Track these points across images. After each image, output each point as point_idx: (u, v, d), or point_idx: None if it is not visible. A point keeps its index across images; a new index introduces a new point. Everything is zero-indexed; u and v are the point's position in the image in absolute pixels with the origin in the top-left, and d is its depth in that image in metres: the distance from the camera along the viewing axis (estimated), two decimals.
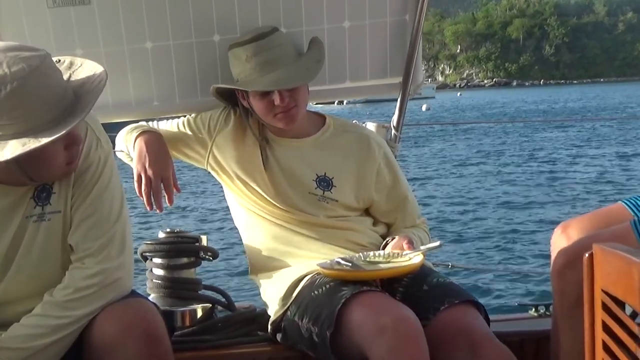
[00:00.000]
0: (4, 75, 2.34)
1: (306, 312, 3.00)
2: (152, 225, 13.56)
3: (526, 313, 3.74)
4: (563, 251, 2.98)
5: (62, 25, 3.41)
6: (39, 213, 2.64)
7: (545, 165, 26.48)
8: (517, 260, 12.53)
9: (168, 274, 3.46)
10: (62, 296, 2.56)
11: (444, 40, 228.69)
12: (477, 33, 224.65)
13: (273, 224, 3.37)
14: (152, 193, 3.26)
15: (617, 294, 1.99)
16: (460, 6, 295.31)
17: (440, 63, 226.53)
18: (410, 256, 3.08)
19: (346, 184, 3.38)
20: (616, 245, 2.03)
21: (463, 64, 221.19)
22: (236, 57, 3.30)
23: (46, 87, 2.41)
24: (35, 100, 2.39)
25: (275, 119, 3.27)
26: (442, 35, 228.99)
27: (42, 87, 2.40)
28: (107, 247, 2.64)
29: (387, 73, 3.85)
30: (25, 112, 2.37)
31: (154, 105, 3.62)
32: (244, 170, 3.36)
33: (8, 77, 2.34)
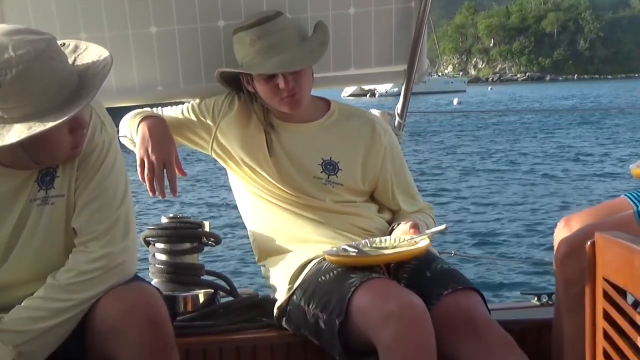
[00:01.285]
0: (9, 58, 2.34)
1: (313, 298, 3.01)
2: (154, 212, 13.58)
3: (528, 302, 3.73)
4: (566, 240, 2.99)
5: (67, 9, 3.41)
6: (43, 197, 2.65)
7: (554, 157, 26.57)
8: (520, 250, 12.57)
9: (171, 259, 3.46)
10: (66, 279, 2.56)
11: (477, 33, 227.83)
12: (511, 27, 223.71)
13: (279, 207, 3.38)
14: (154, 178, 3.25)
15: (618, 282, 1.99)
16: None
17: (473, 57, 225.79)
18: (416, 240, 3.08)
19: (351, 168, 3.38)
20: (618, 234, 2.03)
21: (496, 57, 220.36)
22: (240, 41, 3.30)
23: (51, 70, 2.42)
24: (41, 84, 2.39)
25: (280, 103, 3.27)
26: (475, 28, 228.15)
27: (48, 70, 2.40)
28: (111, 231, 2.65)
29: (392, 60, 3.85)
30: (31, 95, 2.38)
31: (158, 90, 3.62)
32: (249, 156, 3.36)
33: (13, 61, 2.34)
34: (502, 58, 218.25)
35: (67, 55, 2.57)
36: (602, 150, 28.39)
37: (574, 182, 20.60)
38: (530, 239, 13.29)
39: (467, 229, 14.26)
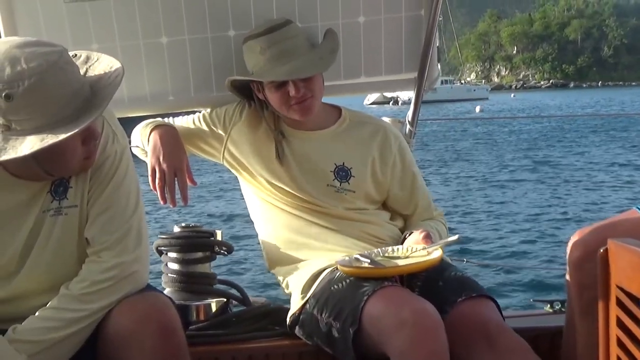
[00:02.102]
0: (22, 71, 2.35)
1: (326, 306, 3.00)
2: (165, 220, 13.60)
3: (541, 309, 3.72)
4: (579, 243, 2.97)
5: (78, 19, 3.43)
6: (56, 207, 2.66)
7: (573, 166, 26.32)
8: (533, 257, 12.48)
9: (183, 268, 3.47)
10: (79, 289, 2.57)
11: (500, 41, 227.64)
12: (534, 34, 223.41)
13: (291, 215, 3.37)
14: (165, 186, 3.26)
15: (632, 289, 1.98)
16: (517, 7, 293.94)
17: (496, 64, 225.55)
18: (429, 250, 3.07)
19: (364, 175, 3.38)
20: (631, 241, 2.02)
21: (519, 65, 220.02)
22: (250, 49, 3.31)
23: (63, 82, 2.42)
24: (53, 95, 2.39)
25: (290, 110, 3.28)
26: (498, 36, 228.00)
27: (60, 82, 2.41)
28: (123, 241, 2.66)
29: (402, 68, 3.85)
30: (43, 107, 2.38)
31: (169, 100, 3.64)
32: (260, 163, 3.37)
33: (26, 73, 2.35)
34: (525, 65, 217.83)
35: (78, 66, 2.58)
36: (624, 158, 28.10)
37: (592, 191, 20.43)
38: (543, 247, 13.20)
39: (480, 237, 14.21)
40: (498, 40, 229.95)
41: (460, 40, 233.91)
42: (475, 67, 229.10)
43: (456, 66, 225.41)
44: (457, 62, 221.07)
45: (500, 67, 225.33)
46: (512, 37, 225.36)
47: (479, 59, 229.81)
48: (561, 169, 25.43)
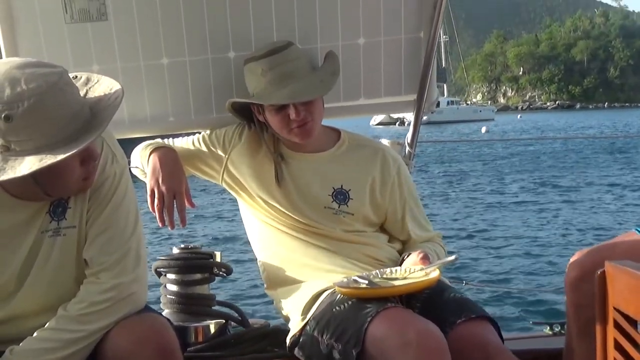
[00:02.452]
0: (21, 92, 2.35)
1: (327, 328, 2.99)
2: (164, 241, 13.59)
3: (540, 331, 3.71)
4: (576, 264, 2.98)
5: (79, 41, 3.44)
6: (55, 228, 2.66)
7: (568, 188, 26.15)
8: (532, 279, 12.45)
9: (182, 290, 3.48)
10: (77, 310, 2.57)
11: (507, 62, 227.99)
12: (540, 55, 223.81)
13: (289, 236, 3.37)
14: (164, 209, 3.27)
15: (629, 312, 1.98)
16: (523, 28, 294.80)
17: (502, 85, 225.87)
18: (427, 271, 3.07)
19: (362, 197, 3.38)
20: (629, 263, 2.02)
21: (525, 86, 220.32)
22: (251, 71, 3.32)
23: (63, 103, 2.43)
24: (52, 116, 2.40)
25: (291, 133, 3.28)
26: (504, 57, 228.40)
27: (59, 103, 2.42)
28: (122, 262, 2.65)
29: (402, 90, 3.86)
30: (42, 128, 2.39)
31: (169, 121, 3.64)
32: (259, 186, 3.37)
33: (26, 94, 2.35)
34: (532, 86, 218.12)
35: (79, 87, 2.59)
36: (625, 180, 27.89)
37: (594, 213, 20.31)
38: (543, 269, 13.15)
39: (480, 258, 14.17)
40: (504, 61, 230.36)
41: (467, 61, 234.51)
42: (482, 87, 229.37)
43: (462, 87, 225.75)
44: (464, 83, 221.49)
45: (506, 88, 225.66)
46: (519, 58, 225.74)
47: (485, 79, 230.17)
48: (563, 190, 25.29)
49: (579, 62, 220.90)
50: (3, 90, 2.36)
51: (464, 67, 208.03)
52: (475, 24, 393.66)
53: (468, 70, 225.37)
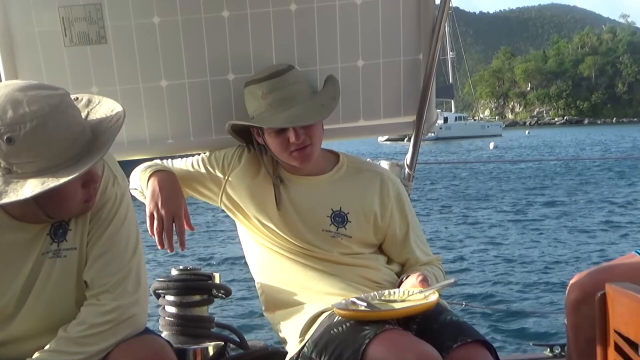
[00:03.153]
0: (24, 114, 2.36)
1: (325, 350, 2.98)
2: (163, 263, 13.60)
3: (541, 353, 3.70)
4: (577, 285, 2.98)
5: (79, 63, 3.45)
6: (55, 249, 2.66)
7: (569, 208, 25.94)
8: (532, 301, 12.40)
9: (180, 312, 3.47)
10: (77, 332, 2.56)
11: (514, 78, 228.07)
12: (548, 71, 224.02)
13: (287, 259, 3.37)
14: (163, 232, 3.26)
15: (629, 334, 1.99)
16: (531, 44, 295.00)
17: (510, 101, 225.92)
18: (425, 294, 3.06)
19: (360, 220, 3.37)
20: (629, 285, 2.03)
21: (533, 101, 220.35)
22: (252, 94, 3.32)
23: (65, 125, 2.44)
24: (55, 138, 2.41)
25: (290, 156, 3.28)
26: (512, 73, 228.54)
27: (62, 125, 2.43)
28: (122, 284, 2.65)
29: (401, 112, 3.85)
30: (45, 150, 2.40)
31: (168, 143, 3.64)
32: (257, 208, 3.37)
33: (28, 116, 2.36)
34: (540, 102, 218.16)
35: (80, 109, 2.60)
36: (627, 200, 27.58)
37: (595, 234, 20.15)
38: (544, 290, 13.10)
39: (480, 280, 14.12)
40: (512, 77, 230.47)
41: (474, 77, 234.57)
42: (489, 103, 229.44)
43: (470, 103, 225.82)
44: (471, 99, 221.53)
45: (514, 104, 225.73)
46: (526, 74, 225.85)
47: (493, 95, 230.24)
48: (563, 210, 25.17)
49: (587, 77, 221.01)
50: (5, 112, 2.36)
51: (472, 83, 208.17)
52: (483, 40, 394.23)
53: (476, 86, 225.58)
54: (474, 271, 15.00)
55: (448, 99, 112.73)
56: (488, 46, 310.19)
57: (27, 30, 3.39)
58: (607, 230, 20.76)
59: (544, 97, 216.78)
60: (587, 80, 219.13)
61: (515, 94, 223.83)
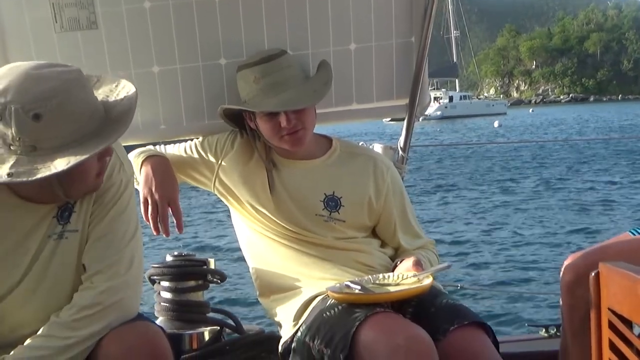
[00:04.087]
0: (47, 89, 2.38)
1: (318, 334, 2.99)
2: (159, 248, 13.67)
3: (536, 334, 3.71)
4: (571, 266, 2.99)
5: (70, 49, 3.44)
6: (60, 231, 2.67)
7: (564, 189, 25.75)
8: (527, 282, 12.43)
9: (176, 297, 3.47)
10: (67, 316, 2.56)
11: (519, 56, 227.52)
12: (553, 48, 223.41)
13: (280, 244, 3.38)
14: (158, 217, 3.27)
15: (623, 312, 2.00)
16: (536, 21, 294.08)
17: (515, 79, 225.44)
18: (420, 278, 3.07)
19: (354, 204, 3.38)
20: (622, 264, 2.04)
21: (538, 79, 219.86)
22: (244, 78, 3.32)
23: (86, 99, 2.49)
24: (77, 113, 2.44)
25: (281, 140, 3.28)
26: (517, 51, 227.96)
27: (83, 99, 2.47)
28: (114, 266, 2.66)
29: (394, 95, 3.85)
30: (69, 125, 2.42)
31: (161, 129, 3.64)
32: (250, 193, 3.37)
33: (52, 92, 2.39)
34: (545, 80, 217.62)
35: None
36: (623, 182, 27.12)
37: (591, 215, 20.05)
38: (537, 272, 13.13)
39: (475, 262, 14.14)
40: (517, 55, 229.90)
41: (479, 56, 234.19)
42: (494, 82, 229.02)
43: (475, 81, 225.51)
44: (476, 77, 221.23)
45: (519, 82, 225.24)
46: (531, 52, 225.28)
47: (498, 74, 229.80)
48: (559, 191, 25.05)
49: (592, 54, 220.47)
50: (27, 90, 2.38)
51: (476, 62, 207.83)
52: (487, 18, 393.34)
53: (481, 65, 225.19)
54: (469, 254, 14.98)
55: (452, 78, 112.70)
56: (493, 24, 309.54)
57: (17, 17, 3.38)
58: (603, 210, 20.70)
59: (549, 75, 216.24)
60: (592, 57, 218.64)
61: (520, 72, 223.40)
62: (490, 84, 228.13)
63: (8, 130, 2.38)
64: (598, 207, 21.19)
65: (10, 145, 2.40)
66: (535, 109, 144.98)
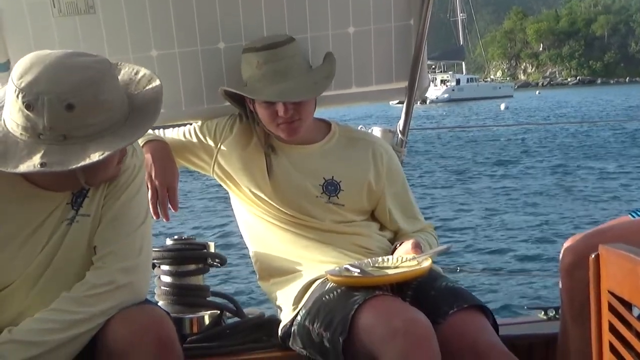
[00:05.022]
0: (81, 80, 2.39)
1: (317, 317, 3.00)
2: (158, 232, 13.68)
3: (535, 316, 3.71)
4: (571, 249, 2.98)
5: (68, 34, 3.43)
6: (72, 216, 2.68)
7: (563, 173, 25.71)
8: (526, 264, 12.43)
9: (176, 281, 3.47)
10: (79, 292, 2.56)
11: (526, 38, 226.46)
12: (560, 30, 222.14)
13: (280, 228, 3.38)
14: (158, 202, 3.29)
15: (623, 294, 2.00)
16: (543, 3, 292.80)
17: (522, 62, 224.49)
18: (419, 260, 3.07)
19: (353, 188, 3.39)
20: (622, 246, 2.03)
21: (545, 62, 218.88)
22: (247, 61, 3.32)
23: (116, 88, 2.53)
24: (110, 102, 2.46)
25: (277, 128, 3.30)
26: (524, 33, 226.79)
27: (114, 88, 2.50)
28: (126, 249, 2.67)
29: (393, 78, 3.84)
30: (102, 113, 2.44)
31: (160, 113, 3.62)
32: (249, 178, 3.38)
33: (86, 82, 2.39)
34: (552, 62, 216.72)
35: None
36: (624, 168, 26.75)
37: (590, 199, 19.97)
38: (537, 254, 13.16)
39: (474, 244, 14.16)
40: (524, 38, 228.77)
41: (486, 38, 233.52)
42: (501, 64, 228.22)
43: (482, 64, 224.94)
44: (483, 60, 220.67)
45: (526, 65, 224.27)
46: (538, 34, 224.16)
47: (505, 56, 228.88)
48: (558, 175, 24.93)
49: (600, 37, 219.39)
50: (60, 79, 2.39)
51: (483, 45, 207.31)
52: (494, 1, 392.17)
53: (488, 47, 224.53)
54: (468, 236, 15.00)
55: (459, 60, 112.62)
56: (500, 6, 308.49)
57: (15, 1, 3.38)
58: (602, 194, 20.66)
59: (557, 58, 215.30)
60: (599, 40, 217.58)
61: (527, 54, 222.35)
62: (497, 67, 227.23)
63: (39, 120, 2.38)
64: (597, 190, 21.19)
65: (40, 134, 2.40)
66: (542, 91, 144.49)
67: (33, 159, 2.38)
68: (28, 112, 2.38)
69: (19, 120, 2.41)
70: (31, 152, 2.40)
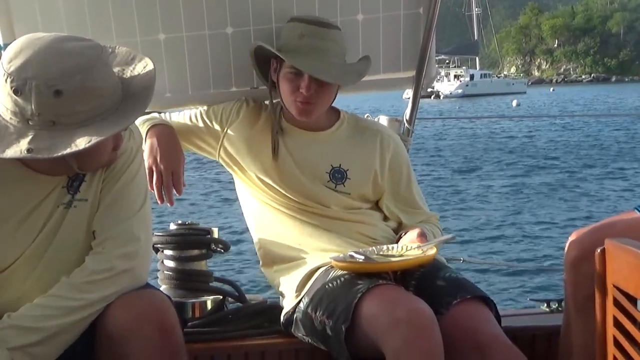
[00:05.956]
0: (71, 66, 2.37)
1: (320, 305, 3.01)
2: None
3: (538, 309, 3.71)
4: (576, 243, 2.98)
5: (76, 17, 3.43)
6: (68, 200, 2.67)
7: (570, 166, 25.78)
8: (530, 256, 12.44)
9: (179, 266, 3.47)
10: (79, 278, 2.56)
11: (541, 34, 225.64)
12: (576, 27, 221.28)
13: (285, 214, 3.38)
14: (163, 187, 3.28)
15: (628, 289, 2.01)
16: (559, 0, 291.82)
17: (536, 58, 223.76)
18: (423, 249, 3.08)
19: (360, 178, 3.38)
20: (628, 241, 2.04)
21: (560, 58, 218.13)
22: (291, 29, 3.31)
23: (108, 75, 2.49)
24: (100, 88, 2.44)
25: (293, 104, 3.27)
26: (539, 29, 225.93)
27: (105, 75, 2.47)
28: (125, 233, 2.66)
29: (400, 67, 3.82)
30: (91, 100, 2.42)
31: (166, 97, 3.61)
32: (255, 163, 3.37)
33: (76, 68, 2.37)
34: (567, 59, 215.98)
35: None
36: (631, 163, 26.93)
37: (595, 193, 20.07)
38: (541, 247, 13.18)
39: (478, 236, 14.22)
40: (539, 34, 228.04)
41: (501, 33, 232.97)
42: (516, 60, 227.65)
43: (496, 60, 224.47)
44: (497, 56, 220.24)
45: (541, 61, 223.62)
46: (554, 30, 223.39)
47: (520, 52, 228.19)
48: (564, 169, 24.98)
49: (615, 34, 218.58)
50: (50, 64, 2.37)
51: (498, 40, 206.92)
52: None
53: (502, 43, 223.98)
54: (473, 228, 15.05)
55: (473, 55, 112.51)
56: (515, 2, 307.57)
57: None
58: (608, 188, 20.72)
59: (571, 54, 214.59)
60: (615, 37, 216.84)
61: (542, 50, 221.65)
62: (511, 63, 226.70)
63: (27, 106, 2.36)
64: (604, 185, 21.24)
65: (29, 120, 2.38)
66: (557, 88, 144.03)
67: (20, 144, 2.37)
68: (16, 97, 2.36)
69: (8, 104, 2.39)
70: (20, 136, 2.39)
